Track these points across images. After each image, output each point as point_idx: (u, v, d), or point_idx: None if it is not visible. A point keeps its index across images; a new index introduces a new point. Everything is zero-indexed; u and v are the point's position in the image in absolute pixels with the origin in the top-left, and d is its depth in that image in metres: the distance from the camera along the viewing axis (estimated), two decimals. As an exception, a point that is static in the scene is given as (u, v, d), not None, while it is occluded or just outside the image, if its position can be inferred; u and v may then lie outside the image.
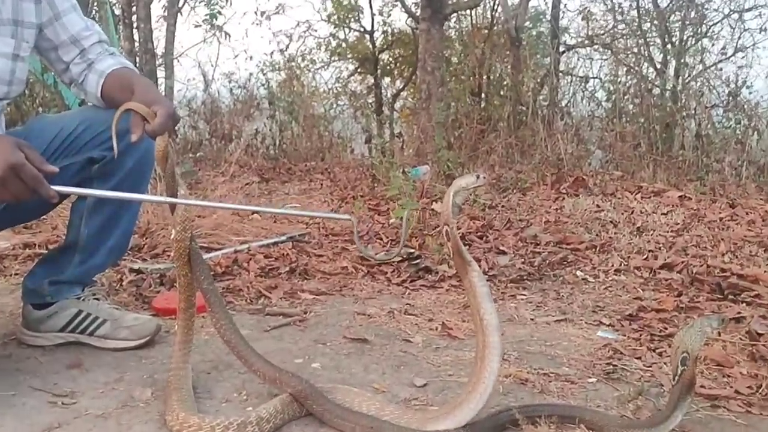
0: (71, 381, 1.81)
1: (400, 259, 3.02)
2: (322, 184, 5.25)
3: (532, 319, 2.48)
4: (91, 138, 1.95)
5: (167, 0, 10.06)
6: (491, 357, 1.49)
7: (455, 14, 10.57)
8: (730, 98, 6.67)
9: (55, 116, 2.20)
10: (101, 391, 1.76)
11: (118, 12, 8.90)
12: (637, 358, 2.09)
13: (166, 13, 9.86)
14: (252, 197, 4.55)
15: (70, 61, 2.00)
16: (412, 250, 3.11)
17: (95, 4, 5.42)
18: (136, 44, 9.05)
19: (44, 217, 3.02)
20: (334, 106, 11.05)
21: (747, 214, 4.10)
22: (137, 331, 2.08)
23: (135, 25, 9.23)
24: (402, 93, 13.88)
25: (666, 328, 2.32)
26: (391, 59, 14.08)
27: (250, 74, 9.31)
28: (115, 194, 1.86)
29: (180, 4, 10.61)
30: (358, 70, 14.06)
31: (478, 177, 1.50)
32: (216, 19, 9.12)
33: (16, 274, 2.72)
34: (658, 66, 13.30)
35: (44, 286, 2.07)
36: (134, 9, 9.36)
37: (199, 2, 11.59)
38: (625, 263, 3.13)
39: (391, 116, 12.21)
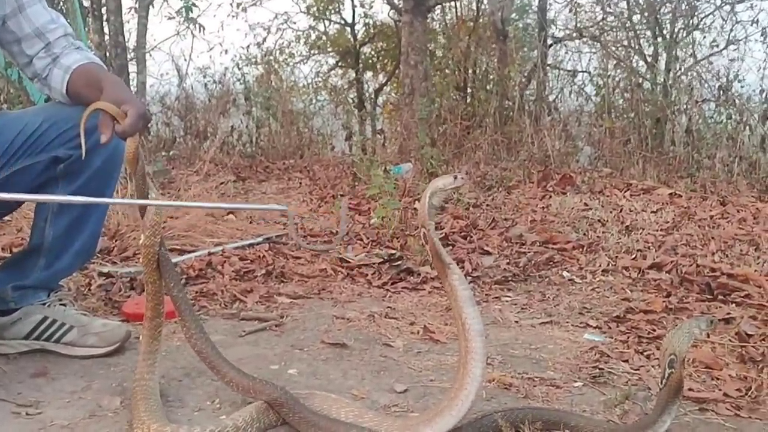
0: (36, 390, 1.80)
1: (381, 260, 3.03)
2: (300, 183, 5.23)
3: (516, 322, 2.48)
4: (56, 136, 1.94)
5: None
6: (474, 363, 1.49)
7: (439, 6, 10.58)
8: (722, 92, 6.73)
9: (17, 113, 2.18)
10: (68, 400, 1.75)
11: (86, 3, 8.84)
12: (624, 361, 2.10)
13: (137, 5, 9.80)
14: (227, 197, 4.53)
15: (33, 54, 1.98)
16: (394, 251, 3.11)
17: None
18: (106, 37, 8.99)
19: (8, 218, 3.00)
20: (314, 101, 11.02)
21: (738, 212, 4.13)
22: (106, 338, 2.07)
23: (105, 17, 9.17)
24: (384, 88, 13.89)
25: (654, 330, 2.34)
26: (373, 53, 14.10)
27: (226, 69, 9.26)
28: (69, 198, 1.86)
29: (151, -3, 10.57)
30: (339, 64, 14.07)
31: (455, 177, 1.51)
32: (191, 12, 9.05)
33: (-22, 279, 2.70)
34: (649, 59, 13.40)
35: (8, 292, 2.06)
36: (104, 0, 9.30)
37: (173, -5, 11.54)
38: (613, 263, 3.13)
39: (373, 112, 12.21)
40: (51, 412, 1.67)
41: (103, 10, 9.22)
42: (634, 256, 3.24)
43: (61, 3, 5.50)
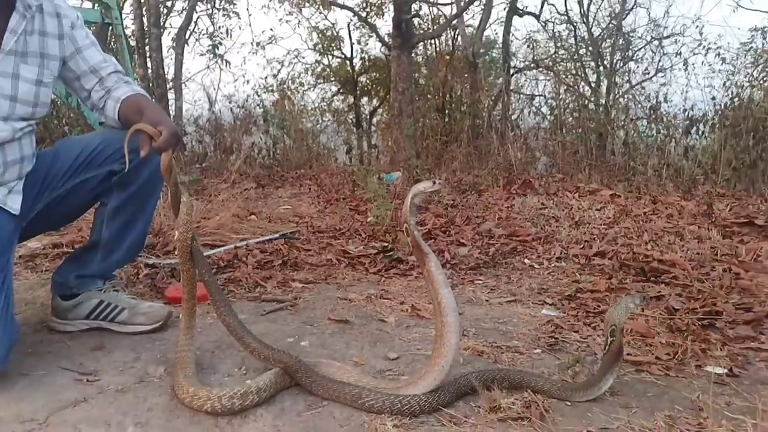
0: (95, 361, 1.79)
1: (376, 251, 3.02)
2: (310, 189, 5.20)
3: (487, 301, 2.48)
4: (110, 153, 1.93)
5: (175, 32, 9.99)
6: (449, 335, 1.49)
7: (421, 43, 10.59)
8: (652, 111, 6.74)
9: (79, 137, 2.18)
10: (121, 369, 1.74)
11: (132, 43, 8.82)
12: (575, 332, 2.11)
13: (174, 44, 9.79)
14: (250, 201, 4.51)
15: (90, 88, 1.98)
16: (387, 244, 3.10)
17: (112, 36, 5.35)
18: (149, 71, 8.98)
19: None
20: (320, 122, 11.03)
21: (666, 209, 4.13)
22: (151, 317, 2.07)
23: (148, 54, 9.15)
24: (378, 110, 13.90)
25: (599, 306, 2.35)
26: (368, 81, 14.10)
27: (248, 95, 9.29)
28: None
29: (186, 36, 10.54)
30: (340, 91, 14.07)
31: (434, 182, 1.51)
32: (217, 49, 9.06)
33: (46, 270, 2.69)
34: (593, 85, 13.42)
35: (71, 280, 2.06)
36: (147, 40, 9.28)
37: (203, 34, 11.52)
38: (565, 252, 3.13)
39: (369, 130, 12.22)
40: (107, 379, 1.67)
41: (147, 48, 9.19)
42: (582, 246, 3.23)
43: (112, 43, 5.47)
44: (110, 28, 5.22)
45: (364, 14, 12.86)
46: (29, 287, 2.47)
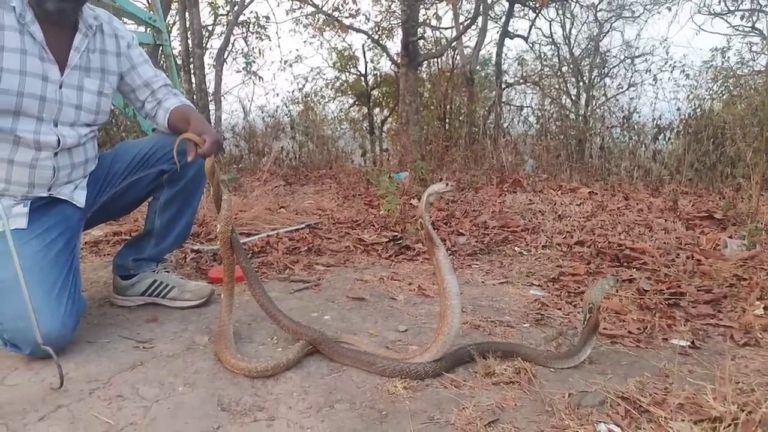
0: (150, 331, 1.81)
1: (387, 240, 3.00)
2: (330, 186, 5.19)
3: (482, 282, 2.48)
4: (162, 155, 1.95)
5: (216, 52, 9.99)
6: (452, 316, 1.49)
7: (426, 61, 10.53)
8: (625, 121, 6.68)
9: (135, 141, 2.19)
10: (171, 338, 1.76)
11: (179, 62, 8.84)
12: (558, 309, 2.10)
13: (215, 62, 9.79)
14: (280, 196, 4.51)
15: (144, 99, 1.99)
16: (396, 234, 3.09)
17: (162, 56, 5.36)
18: (193, 86, 8.98)
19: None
20: (338, 129, 11.00)
21: (637, 204, 4.09)
22: (197, 294, 2.09)
23: (192, 71, 9.16)
24: (388, 119, 13.85)
25: (579, 288, 2.34)
26: (379, 94, 14.05)
27: (277, 107, 9.30)
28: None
29: (225, 56, 10.54)
30: (356, 102, 14.02)
31: (447, 184, 1.49)
32: (251, 67, 9.04)
33: (107, 255, 2.71)
34: (573, 98, 13.32)
35: (129, 263, 2.07)
36: (191, 59, 9.29)
37: (239, 54, 11.53)
38: (550, 241, 3.11)
39: (380, 136, 12.19)
40: (160, 346, 1.69)
41: (191, 66, 9.21)
42: (564, 236, 3.20)
43: (162, 61, 5.48)
44: (161, 48, 5.23)
45: (376, 37, 12.81)
46: (94, 269, 2.49)
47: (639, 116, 7.05)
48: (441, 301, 1.51)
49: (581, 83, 13.40)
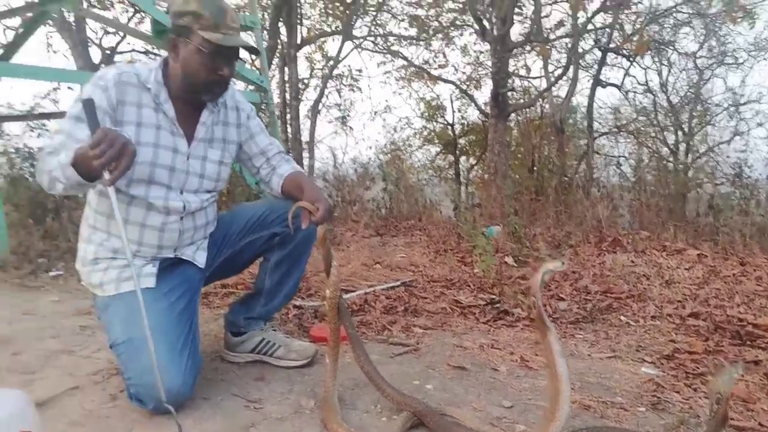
0: (258, 390, 1.86)
1: (485, 302, 2.94)
2: (420, 239, 5.16)
3: (588, 355, 2.35)
4: (274, 218, 2.04)
5: (311, 104, 10.54)
6: (563, 402, 1.42)
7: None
8: (736, 178, 6.25)
9: (249, 204, 2.31)
10: (279, 399, 1.80)
11: (276, 112, 9.38)
12: (676, 392, 1.95)
13: (309, 114, 10.31)
14: (373, 249, 4.55)
15: (259, 166, 2.11)
16: (494, 296, 3.02)
17: (266, 110, 5.70)
18: (289, 135, 9.47)
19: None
20: (425, 178, 11.11)
21: (755, 270, 3.75)
22: (302, 354, 2.14)
23: (288, 121, 9.68)
24: (474, 167, 13.84)
25: (698, 368, 2.16)
26: (466, 143, 14.13)
27: (369, 158, 9.53)
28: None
29: (319, 107, 11.07)
30: (442, 151, 14.15)
31: (562, 263, 1.45)
32: (346, 121, 9.41)
33: (216, 307, 2.83)
34: (672, 147, 12.70)
35: (240, 321, 2.16)
36: (288, 110, 9.83)
37: (332, 106, 12.06)
38: (659, 311, 2.89)
39: (467, 185, 12.17)
40: (269, 407, 1.73)
41: (287, 117, 9.73)
42: (675, 305, 2.97)
43: (263, 113, 5.79)
44: (264, 104, 5.59)
45: (464, 87, 12.98)
46: (205, 321, 2.61)
47: (751, 171, 6.58)
48: (550, 384, 1.45)
49: (680, 132, 12.76)
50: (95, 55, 12.25)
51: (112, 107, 1.75)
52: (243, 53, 1.96)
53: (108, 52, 12.85)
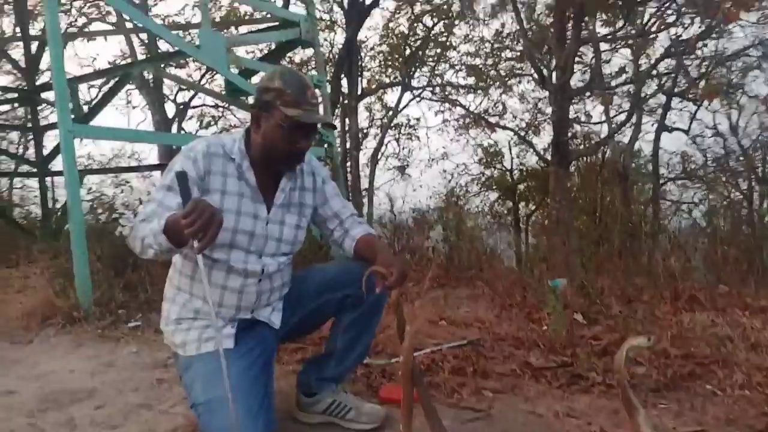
0: (328, 454, 1.86)
1: (557, 365, 2.83)
2: (483, 291, 5.03)
3: (674, 428, 2.21)
4: (347, 280, 2.07)
5: (371, 154, 10.78)
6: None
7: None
8: (822, 229, 5.86)
9: (322, 266, 2.37)
10: (351, 465, 1.78)
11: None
12: (774, 475, 1.80)
13: (369, 163, 10.54)
14: (436, 301, 4.48)
15: (333, 228, 2.17)
16: (566, 359, 2.90)
17: (331, 163, 5.86)
18: (349, 184, 9.68)
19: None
20: (484, 225, 11.00)
21: None
22: (372, 417, 2.14)
23: (349, 170, 9.91)
24: (534, 213, 13.62)
25: (797, 448, 1.99)
26: (525, 189, 13.96)
27: (428, 207, 9.56)
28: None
29: (378, 157, 11.29)
30: (501, 197, 14.04)
31: (649, 339, 1.39)
32: (404, 171, 9.56)
33: (285, 363, 2.84)
34: (745, 192, 12.11)
35: (312, 381, 2.18)
36: (348, 160, 10.08)
37: (391, 155, 12.29)
38: (748, 379, 2.66)
39: (526, 231, 11.98)
40: (342, 475, 1.71)
41: (348, 166, 9.98)
42: (764, 373, 2.72)
43: (327, 164, 5.93)
44: (329, 158, 5.76)
45: (523, 133, 12.93)
46: (275, 378, 2.64)
47: (838, 222, 6.15)
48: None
49: (753, 177, 12.19)
50: (170, 109, 13.07)
51: (200, 177, 1.86)
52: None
53: (181, 106, 13.68)
